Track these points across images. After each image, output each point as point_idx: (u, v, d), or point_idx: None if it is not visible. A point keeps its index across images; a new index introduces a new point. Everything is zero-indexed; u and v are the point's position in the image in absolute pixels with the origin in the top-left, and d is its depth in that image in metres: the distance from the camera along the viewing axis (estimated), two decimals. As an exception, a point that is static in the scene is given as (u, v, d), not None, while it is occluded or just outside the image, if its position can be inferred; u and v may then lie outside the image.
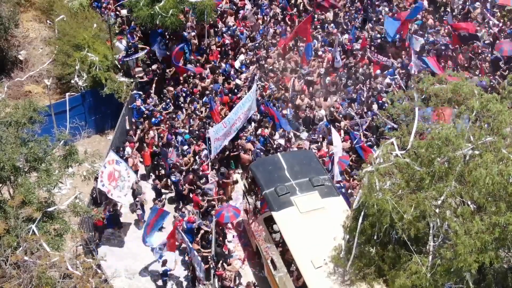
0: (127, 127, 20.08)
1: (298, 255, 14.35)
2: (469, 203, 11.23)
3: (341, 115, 20.30)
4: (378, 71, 21.74)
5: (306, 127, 20.54)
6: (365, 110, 20.10)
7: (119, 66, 20.54)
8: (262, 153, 18.60)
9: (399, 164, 11.81)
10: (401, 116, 13.42)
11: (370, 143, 18.75)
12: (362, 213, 11.92)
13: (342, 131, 19.64)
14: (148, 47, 21.11)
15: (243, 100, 18.80)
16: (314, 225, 14.70)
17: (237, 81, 21.14)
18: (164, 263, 15.87)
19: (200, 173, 17.92)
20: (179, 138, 19.10)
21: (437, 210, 11.19)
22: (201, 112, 20.00)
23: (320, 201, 15.29)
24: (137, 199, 17.36)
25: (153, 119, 19.54)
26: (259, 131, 19.49)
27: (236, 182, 18.85)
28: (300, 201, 15.25)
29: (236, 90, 20.83)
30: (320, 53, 22.69)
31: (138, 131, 19.50)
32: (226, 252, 16.20)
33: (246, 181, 17.56)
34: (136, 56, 20.57)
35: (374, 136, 19.18)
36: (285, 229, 14.94)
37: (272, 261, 15.45)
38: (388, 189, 11.48)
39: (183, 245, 16.42)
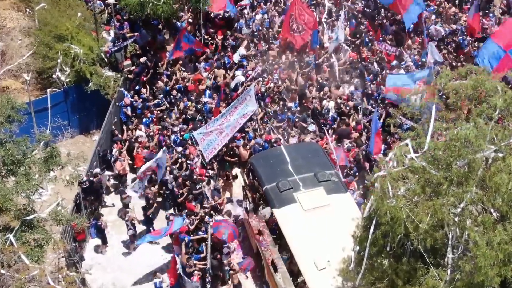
0: (114, 126, 20.19)
1: (299, 256, 14.50)
2: (491, 211, 11.26)
3: (348, 108, 20.42)
4: (395, 62, 21.90)
5: (313, 119, 20.69)
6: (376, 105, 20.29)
7: (105, 59, 20.62)
8: (261, 149, 18.75)
9: (414, 168, 11.82)
10: (423, 116, 13.44)
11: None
12: (374, 222, 11.95)
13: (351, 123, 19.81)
14: (137, 33, 21.19)
15: (235, 102, 18.96)
16: (319, 224, 14.88)
17: (240, 77, 21.24)
18: (155, 274, 15.98)
19: (196, 177, 17.99)
20: (173, 137, 19.19)
21: (456, 219, 11.20)
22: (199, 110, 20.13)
23: (325, 197, 15.47)
24: (127, 217, 17.31)
25: (144, 119, 19.63)
26: (262, 137, 19.57)
27: (235, 177, 18.89)
28: (303, 198, 15.41)
29: (238, 86, 20.96)
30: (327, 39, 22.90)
31: (125, 129, 19.55)
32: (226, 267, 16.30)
33: (246, 177, 17.63)
34: (124, 44, 20.62)
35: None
36: (287, 227, 15.10)
37: (273, 263, 15.59)
38: (402, 196, 11.49)
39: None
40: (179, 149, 18.84)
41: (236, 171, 19.20)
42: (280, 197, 15.51)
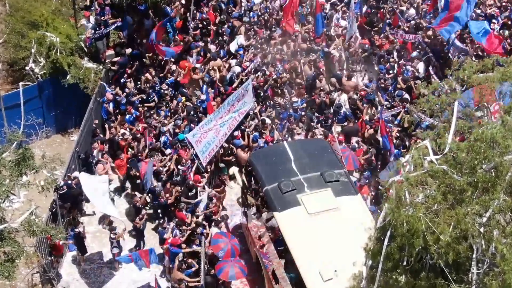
0: (94, 125, 20.18)
1: (303, 265, 14.51)
2: (521, 220, 11.27)
3: (365, 104, 20.48)
4: (415, 53, 21.95)
5: (320, 114, 20.78)
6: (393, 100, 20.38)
7: (85, 48, 20.61)
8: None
9: (434, 172, 11.82)
10: (444, 113, 13.43)
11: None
12: (388, 233, 11.95)
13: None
14: (120, 19, 21.20)
15: (230, 98, 19.01)
16: (325, 230, 14.93)
17: (236, 67, 21.26)
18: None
19: (191, 182, 17.99)
20: (163, 138, 19.19)
21: (481, 229, 11.19)
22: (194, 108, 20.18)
23: (333, 200, 15.51)
24: (112, 234, 17.25)
25: (127, 116, 19.62)
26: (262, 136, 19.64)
27: (232, 177, 18.91)
28: (309, 200, 15.44)
29: (233, 78, 21.01)
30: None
31: (107, 128, 19.56)
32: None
33: (245, 177, 17.68)
34: (106, 31, 20.60)
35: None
36: (289, 233, 15.14)
37: (274, 274, 15.58)
38: (421, 204, 11.49)
39: None
40: (168, 151, 18.81)
41: (233, 169, 19.11)
42: (282, 199, 15.53)
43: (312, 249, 14.68)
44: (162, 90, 20.59)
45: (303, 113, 20.70)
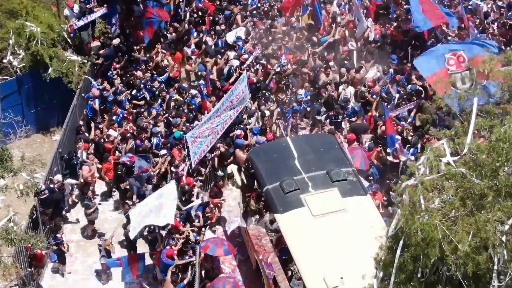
0: (81, 122, 20.18)
1: (306, 271, 14.51)
2: (547, 228, 11.26)
3: (375, 96, 20.51)
4: (430, 42, 22.03)
5: (328, 109, 20.82)
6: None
7: (69, 39, 20.61)
8: None
9: (451, 175, 11.82)
10: (454, 108, 13.46)
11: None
12: (401, 242, 11.94)
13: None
14: (106, 6, 21.24)
15: (228, 93, 19.08)
16: (331, 233, 14.92)
17: (233, 61, 21.28)
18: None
19: (186, 187, 18.01)
20: (155, 140, 19.18)
21: (503, 238, 11.19)
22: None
23: (340, 201, 15.48)
24: (100, 241, 17.22)
25: (114, 116, 19.59)
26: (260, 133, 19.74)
27: (231, 176, 18.96)
28: (313, 201, 15.42)
29: (231, 72, 21.05)
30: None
31: (93, 128, 19.57)
32: None
33: (244, 175, 17.68)
34: (92, 19, 20.57)
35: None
36: (292, 237, 15.15)
37: (275, 281, 15.65)
38: (437, 210, 11.49)
39: None
40: (163, 152, 18.79)
41: (232, 168, 19.04)
42: (284, 199, 15.54)
43: (317, 254, 14.65)
44: (154, 88, 20.58)
45: (308, 107, 20.61)
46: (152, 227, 17.51)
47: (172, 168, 18.48)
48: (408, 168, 12.54)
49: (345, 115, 20.52)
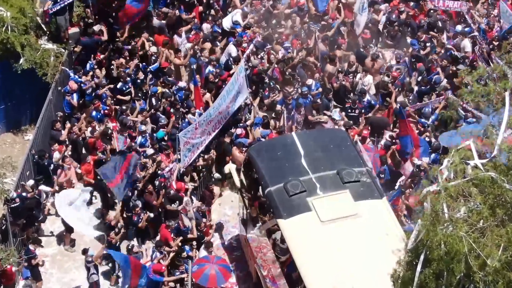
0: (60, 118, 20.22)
1: (313, 283, 14.53)
2: None
3: (397, 88, 20.61)
4: (460, 27, 22.08)
5: (339, 102, 20.78)
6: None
7: (43, 26, 20.65)
8: None
9: (479, 181, 11.85)
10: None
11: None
12: (422, 257, 11.99)
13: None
14: None
15: (228, 87, 19.25)
16: (341, 241, 14.95)
17: (232, 47, 21.35)
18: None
19: (172, 192, 18.11)
20: (140, 139, 19.25)
21: (538, 252, 11.25)
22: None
23: (352, 205, 15.51)
24: (89, 258, 17.26)
25: (94, 112, 19.63)
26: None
27: (228, 177, 19.04)
28: (321, 205, 15.45)
29: (229, 63, 21.29)
30: None
31: (69, 126, 19.65)
32: None
33: (244, 175, 17.74)
34: (69, 1, 20.55)
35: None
36: (297, 245, 15.18)
37: None
38: (463, 220, 11.53)
39: None
40: (150, 151, 18.84)
41: (230, 166, 19.07)
42: (289, 203, 15.55)
43: (325, 266, 14.68)
44: (139, 81, 20.67)
45: (318, 99, 20.65)
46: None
47: (159, 171, 18.53)
48: (425, 172, 12.59)
49: (363, 110, 20.55)
